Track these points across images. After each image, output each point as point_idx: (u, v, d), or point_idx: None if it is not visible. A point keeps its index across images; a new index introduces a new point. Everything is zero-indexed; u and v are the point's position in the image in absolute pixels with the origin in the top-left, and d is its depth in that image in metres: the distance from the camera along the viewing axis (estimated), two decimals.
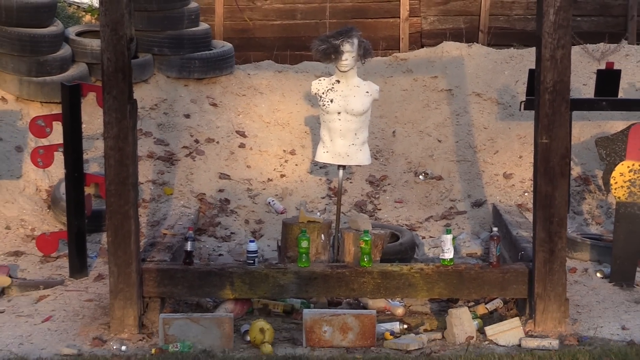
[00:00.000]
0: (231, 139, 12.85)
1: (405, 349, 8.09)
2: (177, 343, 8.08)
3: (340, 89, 9.13)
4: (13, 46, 12.26)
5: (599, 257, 10.11)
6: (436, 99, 13.49)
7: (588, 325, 8.55)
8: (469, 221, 11.40)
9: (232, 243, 10.82)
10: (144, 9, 12.62)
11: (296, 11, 17.73)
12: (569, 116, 8.44)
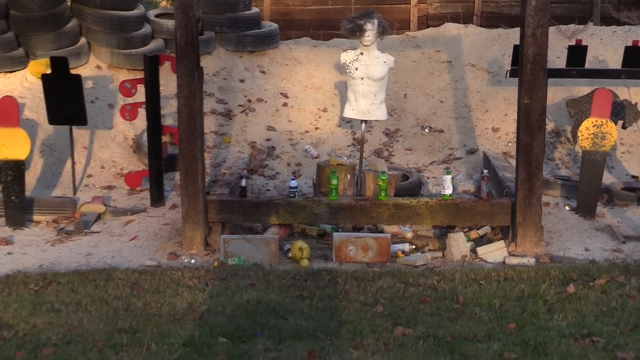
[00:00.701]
0: (276, 99, 12.88)
1: (414, 265, 8.22)
2: (234, 258, 8.25)
3: (363, 60, 9.19)
4: (106, 25, 12.31)
5: (567, 194, 10.16)
6: (439, 68, 13.47)
7: (558, 247, 8.63)
8: (464, 165, 11.44)
9: (277, 181, 10.91)
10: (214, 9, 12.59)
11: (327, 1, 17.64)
12: (545, 82, 8.47)
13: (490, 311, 6.88)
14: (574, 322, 6.62)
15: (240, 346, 6.13)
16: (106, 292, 7.29)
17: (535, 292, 7.29)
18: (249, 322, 6.59)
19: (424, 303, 7.07)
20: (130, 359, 5.90)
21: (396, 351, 6.08)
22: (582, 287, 7.41)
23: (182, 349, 6.07)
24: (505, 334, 6.37)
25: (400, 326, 6.53)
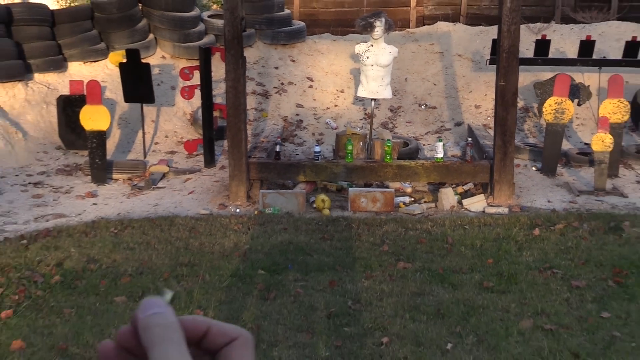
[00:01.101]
0: (303, 82, 12.83)
1: (412, 213, 8.22)
2: (270, 208, 8.25)
3: (373, 50, 9.13)
4: (169, 24, 12.29)
5: (534, 158, 10.10)
6: (432, 58, 13.38)
7: (526, 199, 8.60)
8: (452, 134, 11.38)
9: (304, 147, 10.88)
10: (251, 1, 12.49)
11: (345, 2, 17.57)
12: (517, 68, 8.40)
13: (473, 249, 6.88)
14: (539, 258, 6.62)
15: (275, 277, 6.17)
16: (170, 235, 7.32)
17: (508, 235, 7.28)
18: (282, 258, 6.61)
19: (420, 243, 7.07)
20: (189, 286, 5.94)
21: (398, 281, 6.10)
22: (545, 231, 7.39)
23: (229, 279, 6.10)
24: (484, 267, 6.38)
25: (401, 261, 6.54)
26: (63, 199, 8.83)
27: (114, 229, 7.52)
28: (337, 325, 5.26)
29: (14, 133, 10.35)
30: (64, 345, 4.87)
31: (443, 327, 5.22)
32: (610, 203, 8.47)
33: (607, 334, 5.11)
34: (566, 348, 4.86)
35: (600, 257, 6.61)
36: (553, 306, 5.58)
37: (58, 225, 7.72)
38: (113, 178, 9.56)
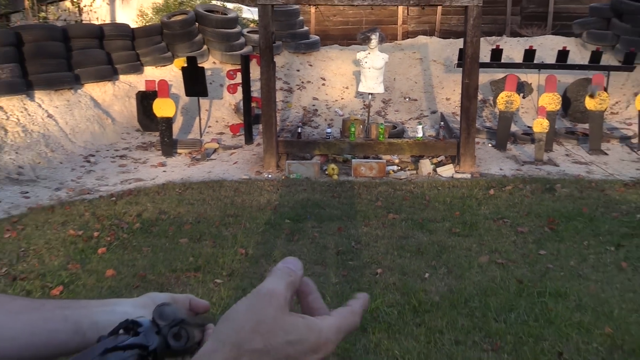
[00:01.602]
0: (318, 81, 12.78)
1: (399, 178, 8.18)
2: (294, 174, 8.22)
3: (370, 56, 9.07)
4: (218, 38, 12.25)
5: (490, 137, 10.05)
6: (414, 63, 13.29)
7: (484, 168, 8.56)
8: (429, 120, 11.33)
9: (318, 129, 10.85)
10: (279, 20, 12.40)
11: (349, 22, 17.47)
12: (477, 70, 8.33)
13: (444, 205, 6.86)
14: (493, 211, 6.60)
15: (297, 224, 6.18)
16: (219, 194, 7.33)
17: (470, 194, 7.26)
18: (302, 211, 6.62)
19: (405, 200, 7.06)
20: (234, 231, 5.95)
21: (389, 228, 6.10)
22: (498, 191, 7.37)
23: (264, 226, 6.11)
24: (453, 218, 6.37)
25: (391, 213, 6.53)
26: (141, 167, 8.85)
27: (179, 189, 7.54)
28: (343, 259, 5.28)
29: (105, 119, 10.38)
30: (143, 274, 4.92)
31: (422, 261, 5.22)
32: (546, 170, 8.44)
33: (543, 266, 5.11)
34: (513, 276, 4.86)
35: (538, 210, 6.60)
36: (503, 246, 5.58)
37: (137, 187, 7.76)
38: (178, 152, 9.56)
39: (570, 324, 4.08)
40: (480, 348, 3.82)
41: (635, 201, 6.91)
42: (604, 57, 11.19)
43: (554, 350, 3.77)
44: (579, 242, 5.66)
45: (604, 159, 9.07)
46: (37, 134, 9.16)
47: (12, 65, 9.46)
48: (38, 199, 7.32)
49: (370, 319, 4.15)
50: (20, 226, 6.20)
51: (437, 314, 4.23)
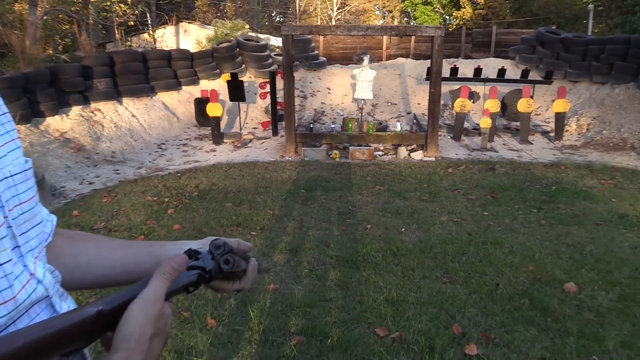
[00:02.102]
0: (325, 90, 12.69)
1: (383, 160, 8.13)
2: (307, 157, 8.18)
3: (363, 72, 8.98)
4: (253, 59, 12.17)
5: (449, 131, 9.98)
6: (395, 77, 13.16)
7: (445, 153, 8.51)
8: (405, 118, 11.23)
9: (325, 125, 10.79)
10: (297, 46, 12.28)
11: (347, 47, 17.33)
12: (440, 82, 8.24)
13: (416, 180, 6.83)
14: (451, 184, 6.57)
15: (310, 193, 6.16)
16: (254, 171, 7.32)
17: (434, 172, 7.23)
18: (314, 184, 6.60)
19: (387, 176, 7.03)
20: (265, 198, 5.95)
21: (376, 195, 6.08)
22: (454, 169, 7.33)
23: (286, 194, 6.10)
24: (422, 189, 6.34)
25: (377, 185, 6.51)
26: (198, 152, 8.84)
27: (225, 168, 7.53)
28: (343, 218, 5.28)
29: (172, 118, 10.36)
30: (200, 228, 4.93)
31: (400, 219, 5.22)
32: (489, 155, 8.38)
33: (486, 223, 5.09)
34: (464, 230, 4.86)
35: (483, 183, 6.57)
36: (458, 209, 5.56)
37: (195, 166, 7.75)
38: (224, 141, 9.53)
39: (504, 264, 4.09)
40: (441, 281, 3.83)
41: (552, 177, 6.88)
42: (531, 74, 11.21)
43: (493, 282, 3.78)
44: (511, 206, 5.65)
45: (530, 147, 9.02)
46: (125, 129, 9.17)
47: (107, 79, 9.46)
48: (125, 175, 7.35)
49: (362, 261, 4.17)
50: (113, 194, 6.24)
51: (410, 257, 4.24)
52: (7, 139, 0.73)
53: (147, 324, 0.66)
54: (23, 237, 0.71)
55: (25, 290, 0.68)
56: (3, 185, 0.67)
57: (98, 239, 0.91)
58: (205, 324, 3.19)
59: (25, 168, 0.74)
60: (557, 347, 2.97)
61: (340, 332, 3.10)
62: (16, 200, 0.70)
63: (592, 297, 3.56)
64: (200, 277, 0.76)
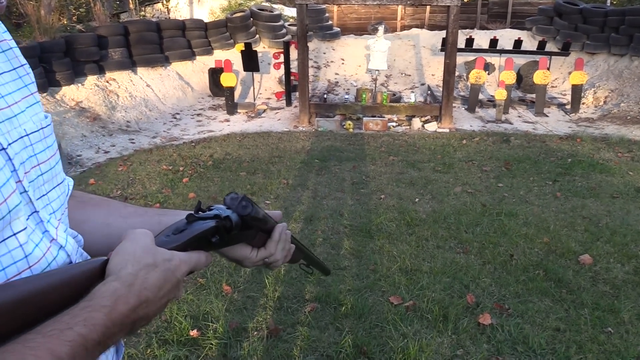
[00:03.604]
0: (339, 61, 12.47)
1: (397, 131, 8.02)
2: (321, 127, 8.10)
3: (377, 42, 8.81)
4: (267, 29, 11.95)
5: (463, 102, 9.80)
6: (409, 48, 12.87)
7: (459, 125, 8.36)
8: (419, 90, 11.02)
9: (339, 96, 10.62)
10: (311, 16, 12.02)
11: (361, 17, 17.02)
12: (455, 53, 8.07)
13: (430, 151, 6.74)
14: (465, 156, 6.48)
15: (324, 163, 6.11)
16: (268, 141, 7.27)
17: (448, 143, 7.12)
18: (327, 154, 6.55)
19: (401, 147, 6.95)
20: (279, 167, 5.91)
21: (389, 166, 6.02)
22: (469, 141, 7.21)
23: (300, 164, 6.06)
24: (436, 160, 6.26)
25: (391, 156, 6.44)
26: (212, 122, 8.79)
27: (239, 138, 7.48)
28: (357, 188, 5.23)
29: (187, 88, 10.29)
30: (214, 196, 4.92)
31: (413, 190, 5.16)
32: (503, 127, 8.23)
33: (500, 194, 5.03)
34: (479, 202, 4.79)
35: (497, 155, 6.47)
36: (472, 180, 5.49)
37: (210, 136, 7.72)
38: (238, 112, 9.45)
39: (519, 235, 4.04)
40: (455, 251, 3.79)
41: (567, 150, 6.75)
42: (547, 45, 10.94)
43: (507, 253, 3.74)
44: (526, 178, 5.56)
45: (546, 120, 8.85)
46: (139, 99, 9.13)
47: (122, 49, 9.38)
48: (141, 144, 7.34)
49: (376, 230, 4.13)
50: (129, 162, 6.24)
51: (424, 227, 4.19)
52: (25, 93, 0.68)
53: (142, 252, 0.62)
54: (42, 200, 0.67)
55: (46, 259, 0.64)
56: (18, 145, 0.62)
57: (110, 204, 0.86)
58: (220, 291, 3.20)
59: (43, 125, 0.69)
60: (572, 319, 2.93)
61: (354, 299, 3.09)
62: (34, 160, 0.65)
63: (607, 269, 3.50)
64: (218, 224, 0.72)
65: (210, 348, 2.66)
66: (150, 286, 0.59)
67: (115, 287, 0.56)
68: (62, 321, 0.51)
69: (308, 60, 8.51)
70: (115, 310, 0.54)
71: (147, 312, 0.59)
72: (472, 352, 2.63)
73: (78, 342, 0.50)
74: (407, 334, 2.76)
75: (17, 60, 0.69)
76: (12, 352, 0.46)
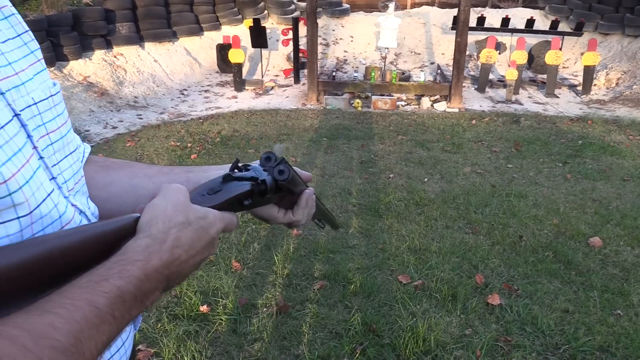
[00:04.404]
0: (348, 38, 12.31)
1: (406, 110, 7.96)
2: (329, 105, 8.04)
3: (387, 20, 8.67)
4: (276, 5, 11.81)
5: (473, 82, 9.69)
6: (419, 26, 12.68)
7: (468, 104, 8.28)
8: (428, 68, 10.87)
9: (348, 74, 10.50)
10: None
11: None
12: (467, 32, 7.94)
13: (439, 130, 6.69)
14: (474, 136, 6.43)
15: (332, 141, 6.08)
16: (276, 118, 7.23)
17: (458, 123, 7.06)
18: (336, 132, 6.51)
19: (410, 126, 6.89)
20: (287, 145, 5.89)
21: (398, 145, 5.98)
22: (478, 121, 7.15)
23: (308, 142, 6.04)
24: (445, 140, 6.22)
25: (400, 135, 6.40)
26: (220, 99, 8.75)
27: (247, 115, 7.44)
28: (365, 167, 5.21)
29: (194, 64, 10.22)
30: None
31: (422, 170, 5.14)
32: (514, 108, 8.13)
33: (510, 175, 5.00)
34: (488, 182, 4.77)
35: (507, 136, 6.42)
36: (481, 161, 5.45)
37: (217, 113, 7.68)
38: (246, 88, 9.39)
39: (528, 217, 4.02)
40: (464, 231, 3.78)
41: (578, 131, 6.68)
42: (560, 25, 10.76)
43: (516, 234, 3.72)
44: (536, 159, 5.52)
45: (556, 101, 8.75)
46: (147, 74, 9.08)
47: (130, 23, 9.30)
48: (148, 120, 7.32)
49: (385, 209, 4.13)
50: (137, 138, 6.23)
51: (433, 207, 4.18)
52: (32, 59, 0.66)
53: (173, 209, 0.61)
54: (56, 168, 0.65)
55: (74, 221, 0.64)
56: (27, 114, 0.61)
57: (133, 166, 0.84)
58: (230, 267, 3.21)
59: (52, 93, 0.67)
60: (581, 300, 2.93)
61: (363, 278, 3.09)
62: (42, 130, 0.63)
63: (617, 252, 3.49)
64: (253, 188, 0.70)
65: (220, 323, 2.68)
66: (182, 244, 0.58)
67: (147, 243, 0.56)
68: (97, 273, 0.51)
69: (317, 37, 8.41)
70: (149, 265, 0.54)
71: (180, 269, 0.58)
72: (480, 332, 2.64)
73: (115, 293, 0.50)
74: (416, 312, 2.77)
75: (21, 27, 0.66)
76: (49, 301, 0.46)
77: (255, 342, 2.56)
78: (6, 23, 0.64)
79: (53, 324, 0.44)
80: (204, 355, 2.44)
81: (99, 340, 0.47)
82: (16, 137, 0.56)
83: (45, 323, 0.44)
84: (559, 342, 2.58)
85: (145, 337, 2.57)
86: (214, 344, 2.54)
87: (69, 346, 0.44)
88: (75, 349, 0.44)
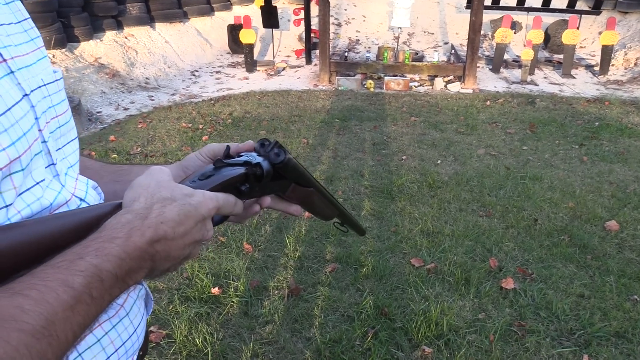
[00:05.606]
0: (360, 18, 12.13)
1: (419, 91, 7.85)
2: (341, 86, 7.96)
3: None
4: None
5: (488, 62, 9.52)
6: (433, 5, 12.46)
7: (483, 85, 8.14)
8: (442, 48, 10.70)
9: (360, 54, 10.36)
10: None
11: None
12: (482, 10, 7.78)
13: (452, 112, 6.60)
14: (489, 117, 6.33)
15: (344, 123, 6.02)
16: (288, 100, 7.17)
17: (472, 104, 6.95)
18: (348, 114, 6.44)
19: (423, 107, 6.81)
20: (299, 127, 5.85)
21: (411, 126, 5.91)
22: (493, 102, 7.03)
23: (320, 123, 5.99)
24: (459, 122, 6.13)
25: (413, 116, 6.32)
26: (231, 80, 8.69)
27: (258, 96, 7.39)
28: (378, 149, 5.16)
29: (205, 44, 10.15)
30: None
31: (436, 151, 5.07)
32: (529, 89, 7.99)
33: (525, 157, 4.92)
34: (502, 164, 4.70)
35: (522, 117, 6.31)
36: (496, 142, 5.37)
37: (229, 94, 7.64)
38: (257, 69, 9.32)
39: (544, 199, 3.96)
40: (477, 214, 3.73)
41: (595, 113, 6.55)
42: (578, 4, 10.49)
43: (531, 217, 3.67)
44: (552, 141, 5.42)
45: (573, 82, 8.58)
46: (158, 55, 9.03)
47: (140, 4, 9.23)
48: (160, 101, 7.30)
49: (397, 191, 4.08)
50: (148, 120, 6.22)
51: (446, 190, 4.13)
52: (32, 47, 0.64)
53: (157, 186, 0.58)
54: (59, 152, 0.64)
55: (68, 207, 0.62)
56: (38, 95, 0.59)
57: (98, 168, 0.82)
58: (241, 249, 3.20)
59: (57, 78, 0.66)
60: (597, 285, 2.88)
61: (375, 261, 3.07)
62: (52, 112, 0.63)
63: (634, 236, 3.43)
64: (248, 171, 0.67)
65: (232, 306, 2.67)
66: (167, 220, 0.55)
67: (127, 219, 0.53)
68: (72, 252, 0.48)
69: (329, 17, 8.29)
70: (129, 242, 0.51)
71: (167, 248, 0.55)
72: (494, 316, 2.61)
73: (91, 271, 0.47)
74: (429, 296, 2.75)
75: (21, 14, 0.65)
76: (20, 282, 0.44)
77: (266, 324, 2.55)
78: (7, 8, 0.63)
79: (22, 306, 0.42)
80: (215, 338, 2.45)
81: (74, 321, 0.45)
82: (23, 119, 0.55)
83: (13, 305, 0.41)
84: (574, 327, 2.55)
85: (157, 318, 2.58)
86: (225, 326, 2.54)
87: (40, 329, 0.42)
88: (48, 332, 0.42)
